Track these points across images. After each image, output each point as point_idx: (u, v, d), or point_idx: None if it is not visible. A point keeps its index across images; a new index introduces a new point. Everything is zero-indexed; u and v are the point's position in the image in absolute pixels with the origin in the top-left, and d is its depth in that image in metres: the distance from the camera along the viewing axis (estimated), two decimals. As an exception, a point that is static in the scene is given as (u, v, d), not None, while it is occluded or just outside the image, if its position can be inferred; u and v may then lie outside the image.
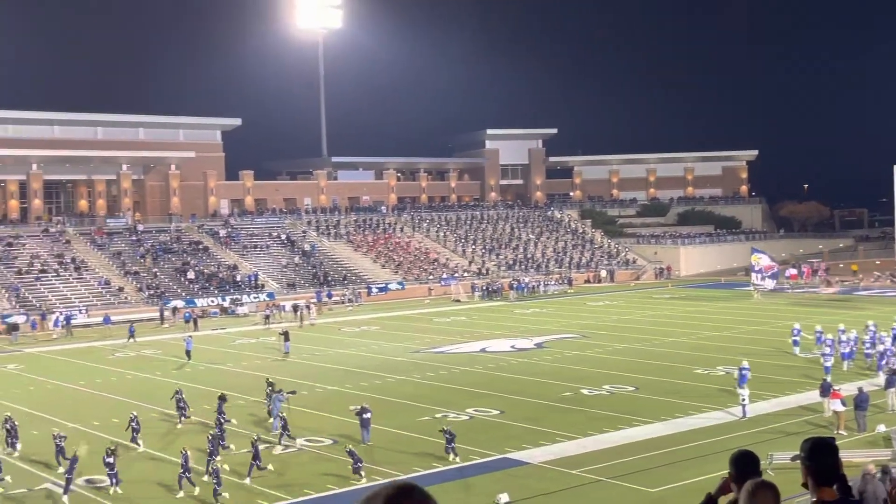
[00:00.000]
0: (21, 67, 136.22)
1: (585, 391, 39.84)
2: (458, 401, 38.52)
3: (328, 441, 32.66)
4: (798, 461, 5.07)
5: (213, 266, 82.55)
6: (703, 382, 41.16)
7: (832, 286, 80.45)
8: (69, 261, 77.89)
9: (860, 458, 25.08)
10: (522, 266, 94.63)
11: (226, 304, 75.34)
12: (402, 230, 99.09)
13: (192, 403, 39.41)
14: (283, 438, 31.99)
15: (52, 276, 75.39)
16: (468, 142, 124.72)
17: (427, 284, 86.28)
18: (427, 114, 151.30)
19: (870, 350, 43.45)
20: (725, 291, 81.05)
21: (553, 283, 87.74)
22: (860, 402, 31.85)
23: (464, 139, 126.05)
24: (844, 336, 44.80)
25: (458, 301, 79.99)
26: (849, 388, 34.80)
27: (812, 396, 36.01)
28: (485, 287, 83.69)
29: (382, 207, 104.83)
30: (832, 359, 40.67)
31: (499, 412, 36.29)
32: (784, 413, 34.85)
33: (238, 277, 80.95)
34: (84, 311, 69.44)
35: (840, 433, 30.70)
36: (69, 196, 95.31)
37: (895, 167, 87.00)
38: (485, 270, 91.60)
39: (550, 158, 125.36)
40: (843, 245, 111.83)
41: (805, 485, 4.91)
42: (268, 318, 67.29)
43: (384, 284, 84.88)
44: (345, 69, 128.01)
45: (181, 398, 36.64)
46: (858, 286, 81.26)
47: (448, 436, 29.63)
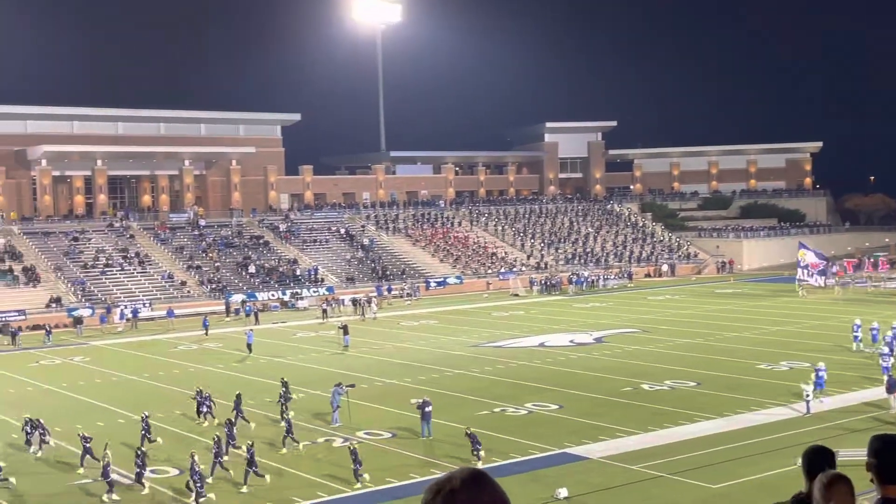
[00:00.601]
0: (85, 65, 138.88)
1: (646, 386, 39.46)
2: (517, 395, 38.40)
3: (387, 434, 32.77)
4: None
5: (274, 260, 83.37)
6: (767, 378, 40.52)
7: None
8: (133, 255, 79.22)
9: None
10: (581, 260, 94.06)
11: (286, 298, 76.06)
12: (461, 224, 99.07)
13: (253, 396, 39.89)
14: (287, 441, 31.04)
15: (117, 270, 76.75)
16: (527, 135, 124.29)
17: (485, 279, 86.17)
18: (485, 107, 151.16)
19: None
20: (788, 285, 79.66)
21: (613, 278, 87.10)
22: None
23: (522, 133, 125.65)
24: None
25: (517, 295, 79.77)
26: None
27: (877, 392, 35.26)
28: (543, 281, 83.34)
29: (441, 202, 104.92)
30: (891, 358, 39.60)
31: (558, 407, 36.10)
32: (849, 409, 34.18)
33: (298, 271, 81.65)
34: (147, 305, 70.57)
35: (908, 430, 30.02)
36: (133, 191, 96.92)
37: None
38: (543, 265, 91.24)
39: (610, 151, 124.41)
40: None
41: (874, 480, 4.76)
42: (325, 313, 67.77)
43: (442, 279, 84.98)
44: (403, 63, 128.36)
45: (201, 398, 36.11)
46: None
47: (472, 439, 28.92)
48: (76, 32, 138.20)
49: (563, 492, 25.26)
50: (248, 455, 27.53)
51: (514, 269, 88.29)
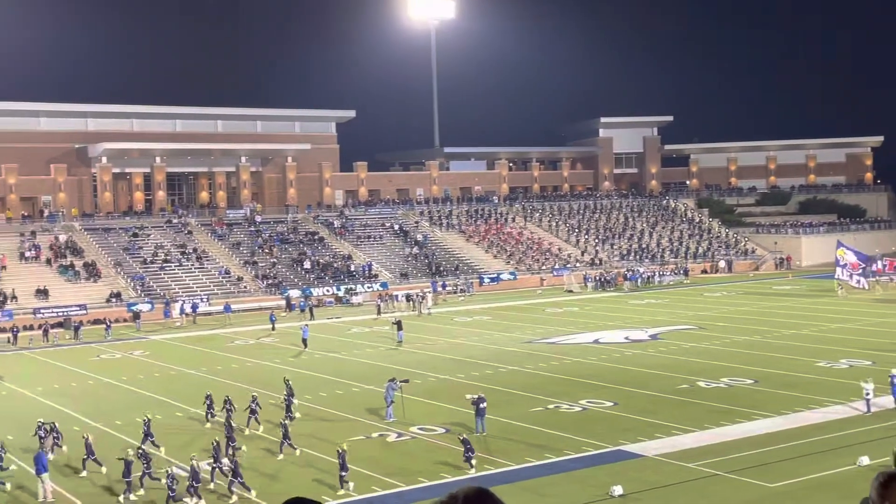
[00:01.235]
0: (145, 64, 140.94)
1: (702, 383, 39.07)
2: (571, 392, 38.25)
3: (441, 430, 32.84)
4: None
5: (329, 256, 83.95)
6: (826, 376, 39.89)
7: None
8: (191, 251, 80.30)
9: None
10: (637, 256, 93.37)
11: (340, 294, 76.57)
12: (514, 220, 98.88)
13: (308, 391, 40.26)
14: (283, 447, 30.25)
15: (175, 266, 77.86)
16: (581, 130, 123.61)
17: (539, 275, 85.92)
18: (539, 103, 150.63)
19: None
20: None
21: (668, 274, 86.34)
22: None
23: (577, 128, 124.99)
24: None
25: (571, 291, 79.43)
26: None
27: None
28: (598, 277, 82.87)
29: (494, 197, 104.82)
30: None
31: (612, 404, 35.89)
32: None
33: (352, 267, 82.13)
34: (205, 300, 71.49)
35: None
36: (191, 188, 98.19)
37: None
38: (598, 260, 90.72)
39: (666, 146, 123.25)
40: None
41: None
42: (379, 309, 68.09)
43: (496, 275, 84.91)
44: (457, 59, 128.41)
45: (215, 402, 35.66)
46: None
47: (465, 444, 28.03)
48: (136, 32, 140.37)
49: (618, 489, 25.12)
50: (232, 465, 26.67)
51: (569, 266, 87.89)
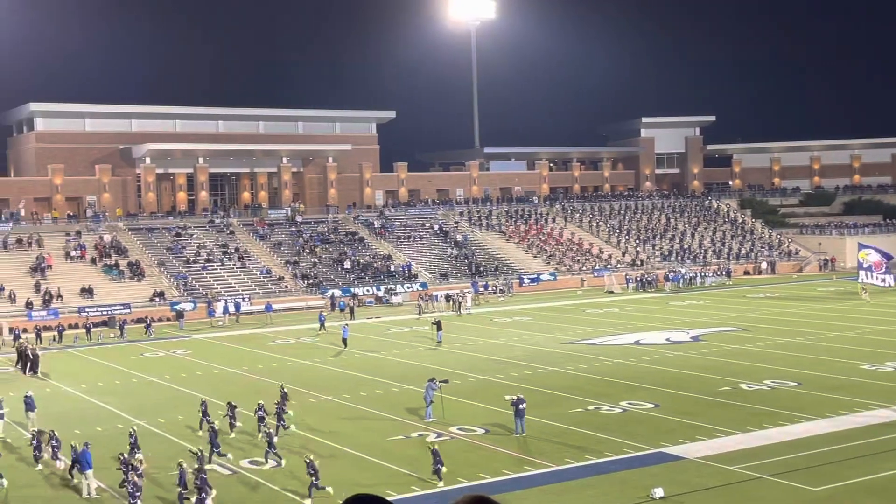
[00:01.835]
0: (187, 65, 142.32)
1: (745, 386, 38.70)
2: (612, 393, 38.06)
3: (480, 430, 32.81)
4: None
5: (369, 256, 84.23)
6: (871, 379, 39.35)
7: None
8: (233, 251, 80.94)
9: None
10: (678, 257, 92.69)
11: (380, 294, 76.80)
12: (555, 220, 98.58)
13: (348, 391, 40.42)
14: (270, 455, 29.51)
15: (217, 266, 78.54)
16: (622, 130, 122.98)
17: (579, 275, 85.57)
18: (580, 103, 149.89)
19: None
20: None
21: (711, 275, 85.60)
22: None
23: (618, 128, 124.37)
24: None
25: (612, 292, 79.00)
26: None
27: None
28: (639, 278, 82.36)
29: (534, 198, 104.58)
30: None
31: (653, 405, 35.65)
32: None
33: (392, 267, 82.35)
34: (246, 300, 72.03)
35: None
36: (233, 188, 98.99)
37: None
38: (639, 261, 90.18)
39: (708, 146, 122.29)
40: None
41: None
42: (421, 308, 68.20)
43: (536, 275, 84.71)
44: (497, 59, 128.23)
45: (206, 410, 34.19)
46: None
47: (435, 456, 27.05)
48: (178, 34, 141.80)
49: (660, 492, 24.95)
50: (198, 482, 25.75)
51: (609, 266, 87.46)
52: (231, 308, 68.87)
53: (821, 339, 50.47)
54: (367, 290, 77.20)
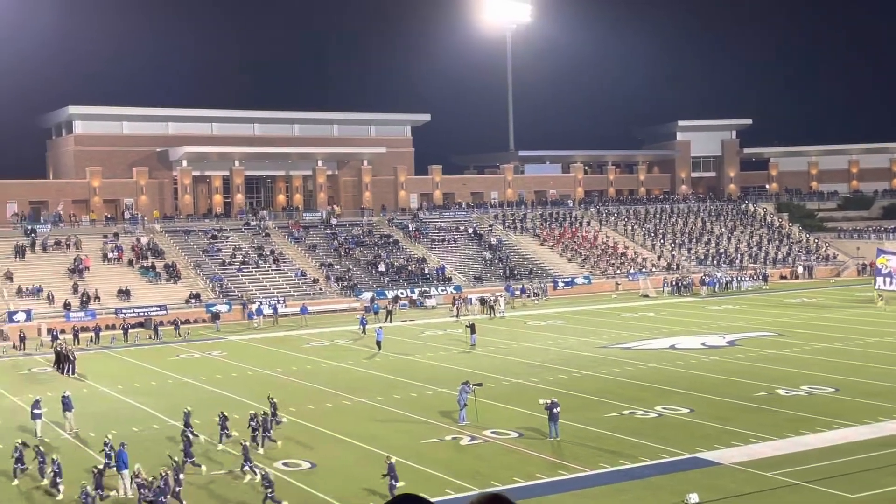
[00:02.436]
0: (223, 68, 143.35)
1: (781, 391, 38.32)
2: (647, 397, 37.84)
3: (514, 434, 32.75)
4: None
5: (403, 259, 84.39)
6: (911, 385, 38.80)
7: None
8: (268, 253, 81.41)
9: None
10: (714, 261, 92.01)
11: (414, 297, 76.90)
12: (589, 224, 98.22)
13: (382, 393, 40.49)
14: (248, 466, 28.56)
15: (253, 268, 79.03)
16: (658, 134, 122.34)
17: (614, 279, 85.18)
18: (616, 106, 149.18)
19: None
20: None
21: (747, 279, 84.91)
22: None
23: (653, 131, 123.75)
24: None
25: (647, 296, 78.57)
26: None
27: None
28: (675, 282, 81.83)
29: (569, 201, 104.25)
30: None
31: (688, 411, 35.40)
32: None
33: (426, 270, 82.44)
34: (282, 302, 72.40)
35: None
36: (268, 191, 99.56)
37: None
38: (675, 265, 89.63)
39: (745, 150, 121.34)
40: None
41: None
42: (458, 311, 68.28)
43: (570, 279, 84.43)
44: (532, 63, 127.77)
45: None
46: None
47: (390, 470, 26.17)
48: (216, 37, 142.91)
49: (694, 497, 24.74)
50: (152, 497, 25.30)
51: (644, 270, 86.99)
52: (266, 310, 69.26)
53: (859, 345, 49.87)
54: (402, 293, 77.34)
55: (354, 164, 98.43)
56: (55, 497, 27.67)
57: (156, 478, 26.39)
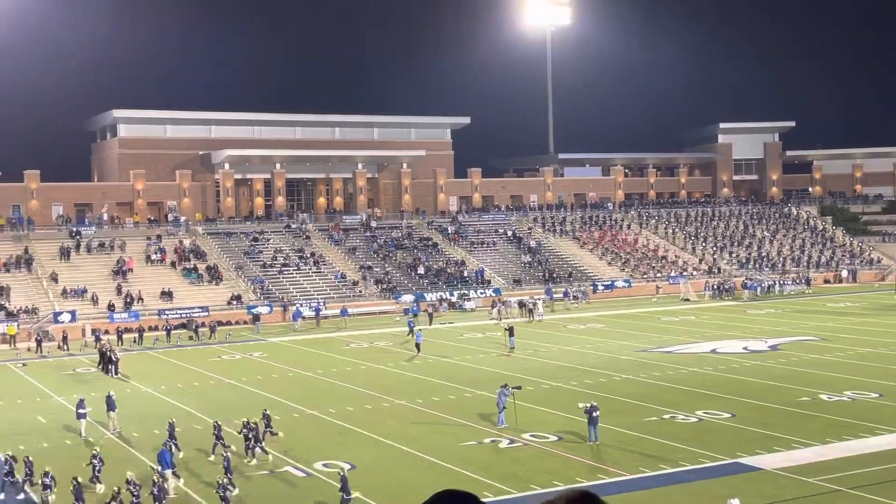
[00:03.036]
0: (265, 72, 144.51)
1: (824, 396, 37.89)
2: (687, 402, 37.58)
3: (553, 437, 32.67)
4: None
5: (442, 262, 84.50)
6: (958, 391, 38.18)
7: None
8: (308, 255, 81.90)
9: None
10: (756, 265, 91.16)
11: (454, 299, 76.96)
12: (629, 227, 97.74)
13: (421, 396, 40.57)
14: (227, 481, 26.91)
15: (293, 270, 79.54)
16: (699, 136, 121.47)
17: (655, 282, 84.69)
18: (656, 108, 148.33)
19: None
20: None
21: (790, 283, 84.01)
22: None
23: (695, 133, 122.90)
24: None
25: (688, 300, 78.02)
26: None
27: None
28: (716, 286, 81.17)
29: (609, 204, 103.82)
30: None
31: (730, 415, 35.11)
32: None
33: (465, 273, 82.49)
34: (322, 304, 72.79)
35: None
36: (309, 193, 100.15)
37: None
38: (716, 269, 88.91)
39: (788, 152, 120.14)
40: None
41: None
42: (500, 314, 68.28)
43: (610, 282, 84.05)
44: (572, 65, 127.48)
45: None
46: None
47: (343, 483, 25.40)
48: (256, 43, 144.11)
49: (736, 502, 24.53)
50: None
51: (685, 274, 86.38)
52: (306, 312, 69.69)
53: (904, 350, 49.16)
54: (441, 296, 77.46)
55: (394, 167, 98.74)
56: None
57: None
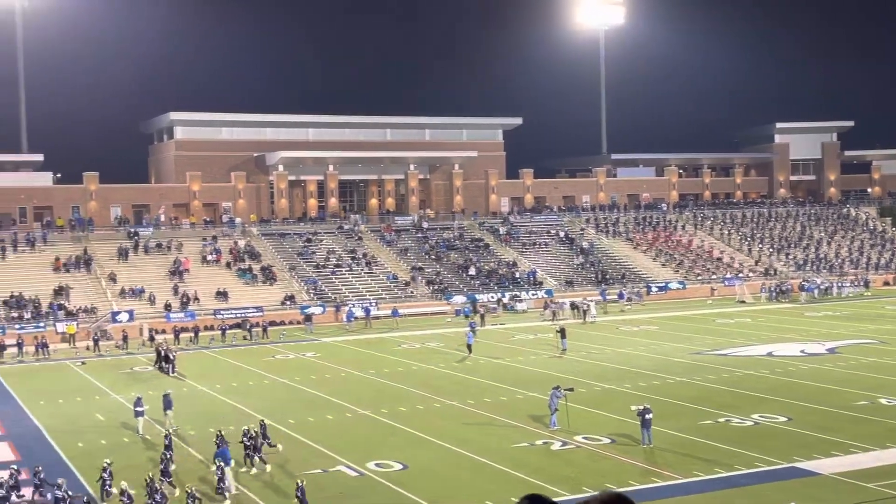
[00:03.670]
0: (317, 74, 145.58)
1: (884, 400, 37.19)
2: (742, 405, 37.12)
3: (606, 440, 32.48)
4: None
5: (493, 263, 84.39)
6: None
7: None
8: (361, 256, 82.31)
9: None
10: (814, 266, 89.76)
11: (506, 300, 76.83)
12: (684, 228, 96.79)
13: (472, 397, 40.55)
14: (222, 491, 27.53)
15: (346, 271, 79.99)
16: (755, 136, 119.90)
17: (709, 284, 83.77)
18: (711, 108, 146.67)
19: None
20: None
21: (848, 285, 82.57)
22: None
23: (750, 133, 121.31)
24: None
25: (743, 302, 77.06)
26: None
27: None
28: (773, 288, 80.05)
29: (663, 205, 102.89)
30: None
31: (786, 419, 34.61)
32: None
33: (517, 274, 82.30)
34: (374, 304, 73.12)
35: None
36: (361, 195, 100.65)
37: None
38: (772, 270, 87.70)
39: (846, 152, 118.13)
40: None
41: None
42: (555, 315, 68.09)
43: (664, 283, 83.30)
44: (625, 65, 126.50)
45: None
46: None
47: (301, 496, 25.19)
48: (309, 44, 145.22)
49: (791, 508, 24.24)
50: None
51: (741, 275, 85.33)
52: (357, 312, 70.08)
53: (967, 354, 48.09)
54: (492, 297, 77.40)
55: (446, 168, 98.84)
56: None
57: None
